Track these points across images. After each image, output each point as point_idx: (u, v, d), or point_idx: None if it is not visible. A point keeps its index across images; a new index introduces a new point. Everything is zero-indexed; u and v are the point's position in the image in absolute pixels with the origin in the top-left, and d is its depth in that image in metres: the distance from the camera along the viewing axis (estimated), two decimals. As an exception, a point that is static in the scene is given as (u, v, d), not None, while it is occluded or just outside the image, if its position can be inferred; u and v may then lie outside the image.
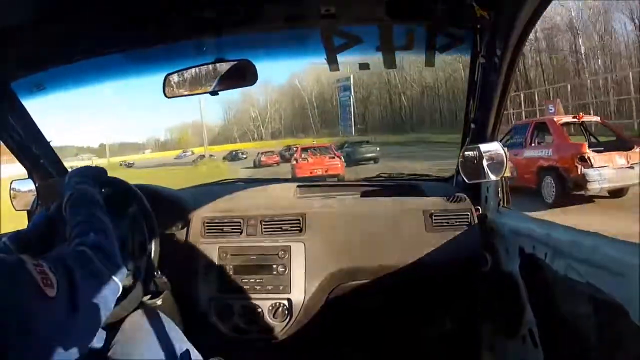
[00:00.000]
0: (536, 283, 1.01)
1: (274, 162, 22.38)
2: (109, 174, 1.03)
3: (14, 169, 1.48)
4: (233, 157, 30.73)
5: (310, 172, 11.29)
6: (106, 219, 0.81)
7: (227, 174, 14.85)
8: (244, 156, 30.10)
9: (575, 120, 6.90)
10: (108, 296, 0.69)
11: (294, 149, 19.46)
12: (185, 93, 1.11)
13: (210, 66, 1.08)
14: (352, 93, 31.57)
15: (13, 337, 0.51)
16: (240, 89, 1.22)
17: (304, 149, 14.24)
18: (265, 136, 43.95)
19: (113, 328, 0.94)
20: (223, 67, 1.07)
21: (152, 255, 1.08)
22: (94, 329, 0.65)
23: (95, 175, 0.95)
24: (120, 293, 0.73)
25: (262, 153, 23.82)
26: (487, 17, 0.95)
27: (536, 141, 6.97)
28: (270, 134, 44.03)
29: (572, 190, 5.93)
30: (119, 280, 0.72)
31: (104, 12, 0.92)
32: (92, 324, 0.64)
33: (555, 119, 6.91)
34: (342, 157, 13.42)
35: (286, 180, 1.96)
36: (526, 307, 1.06)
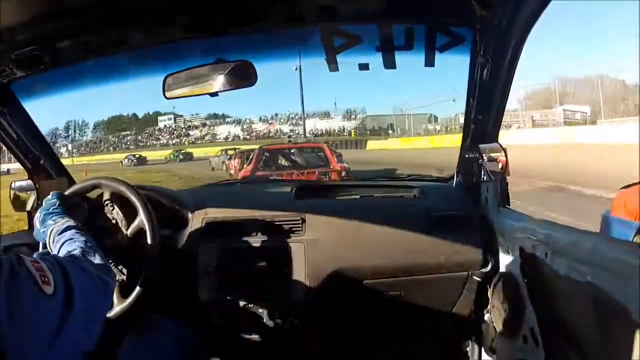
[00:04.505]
0: (537, 283, 1.01)
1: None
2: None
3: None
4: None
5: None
6: (87, 237, 0.87)
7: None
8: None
9: None
10: (103, 296, 0.72)
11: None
12: (185, 94, 1.11)
13: (210, 67, 1.07)
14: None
15: (12, 334, 0.51)
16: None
17: (269, 153, 6.94)
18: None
19: (113, 328, 0.94)
20: (223, 67, 1.07)
21: (152, 255, 1.08)
22: (91, 327, 0.65)
23: (56, 202, 1.01)
24: (115, 293, 0.75)
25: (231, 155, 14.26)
26: (487, 16, 0.96)
27: None
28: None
29: None
30: (111, 281, 0.76)
31: (103, 12, 0.92)
32: (89, 322, 0.64)
33: None
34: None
35: (285, 181, 1.97)
36: (527, 307, 1.06)
